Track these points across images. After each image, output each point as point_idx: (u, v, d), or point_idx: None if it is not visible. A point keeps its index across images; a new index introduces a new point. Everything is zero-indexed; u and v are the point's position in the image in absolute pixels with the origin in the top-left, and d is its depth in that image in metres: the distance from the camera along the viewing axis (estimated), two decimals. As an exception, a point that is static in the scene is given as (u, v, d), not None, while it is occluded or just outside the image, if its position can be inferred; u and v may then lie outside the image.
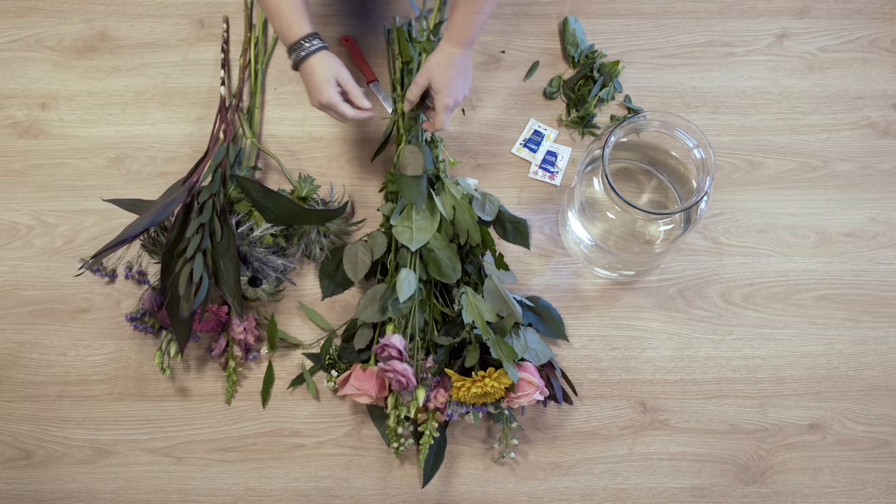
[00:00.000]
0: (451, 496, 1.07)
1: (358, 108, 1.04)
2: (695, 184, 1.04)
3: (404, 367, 0.97)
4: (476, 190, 1.10)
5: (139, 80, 1.25)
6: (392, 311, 1.02)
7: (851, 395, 1.12)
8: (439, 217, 1.07)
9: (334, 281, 1.12)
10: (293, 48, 1.03)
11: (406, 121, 1.13)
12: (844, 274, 1.17)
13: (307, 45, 1.02)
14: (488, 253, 1.07)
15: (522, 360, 1.03)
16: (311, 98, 1.04)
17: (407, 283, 1.01)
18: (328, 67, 1.02)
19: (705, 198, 0.99)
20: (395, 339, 0.99)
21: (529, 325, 1.10)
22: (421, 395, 0.98)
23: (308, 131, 1.23)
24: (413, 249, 1.04)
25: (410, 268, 1.05)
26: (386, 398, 1.03)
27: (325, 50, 1.03)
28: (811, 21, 1.32)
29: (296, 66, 1.04)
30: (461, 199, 1.07)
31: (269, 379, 1.10)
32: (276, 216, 1.06)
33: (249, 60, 1.25)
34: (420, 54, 1.20)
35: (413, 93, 1.07)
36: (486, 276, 1.05)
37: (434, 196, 1.08)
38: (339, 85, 1.03)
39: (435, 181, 1.11)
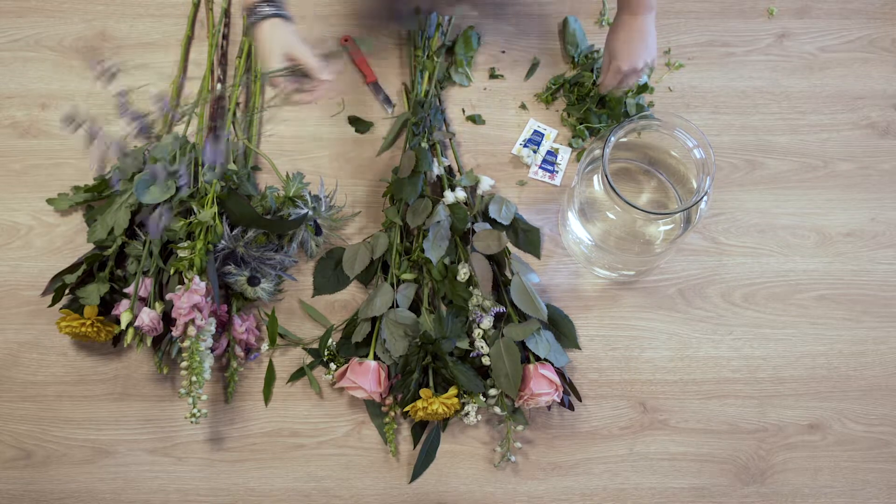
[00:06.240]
0: (451, 496, 1.07)
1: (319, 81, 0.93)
2: (695, 184, 1.04)
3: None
4: (492, 195, 1.12)
5: (139, 80, 1.25)
6: None
7: (851, 395, 1.12)
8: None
9: (329, 280, 1.12)
10: (248, 12, 0.94)
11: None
12: (844, 274, 1.17)
13: (258, 9, 0.93)
14: (515, 251, 1.10)
15: (546, 360, 1.04)
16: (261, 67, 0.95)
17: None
18: (276, 39, 0.92)
19: (705, 198, 0.99)
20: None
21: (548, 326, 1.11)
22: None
23: (309, 131, 1.23)
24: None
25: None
26: (381, 394, 1.03)
27: (276, 18, 0.93)
28: (811, 21, 1.32)
29: (245, 33, 0.96)
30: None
31: (270, 377, 1.09)
32: (237, 219, 1.06)
33: (250, 61, 1.25)
34: (422, 70, 1.22)
35: (608, 78, 1.12)
36: (514, 273, 1.06)
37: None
38: (293, 59, 0.93)
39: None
